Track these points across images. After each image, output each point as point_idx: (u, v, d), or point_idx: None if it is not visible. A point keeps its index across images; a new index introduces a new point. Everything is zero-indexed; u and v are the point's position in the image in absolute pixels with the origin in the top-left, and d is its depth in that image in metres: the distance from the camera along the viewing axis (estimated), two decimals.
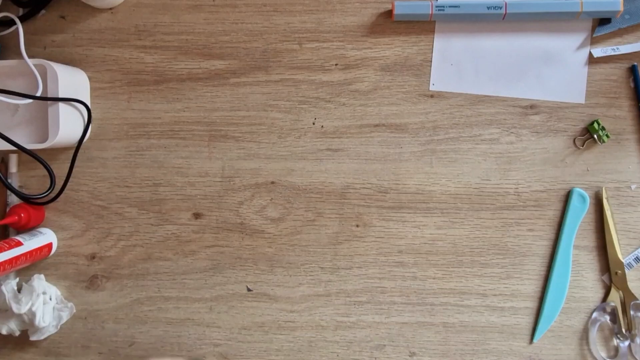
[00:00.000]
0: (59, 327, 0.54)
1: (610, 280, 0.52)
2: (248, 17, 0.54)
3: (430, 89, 0.53)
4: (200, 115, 0.55)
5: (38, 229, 0.54)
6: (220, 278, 0.55)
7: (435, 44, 0.53)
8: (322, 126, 0.54)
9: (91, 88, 0.55)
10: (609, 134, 0.52)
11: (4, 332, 0.52)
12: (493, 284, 0.53)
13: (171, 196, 0.55)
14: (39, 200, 0.53)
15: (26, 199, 0.53)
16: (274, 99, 0.54)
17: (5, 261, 0.48)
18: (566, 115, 0.53)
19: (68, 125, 0.51)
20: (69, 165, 0.53)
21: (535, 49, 0.53)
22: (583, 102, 0.53)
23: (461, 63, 0.53)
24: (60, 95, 0.50)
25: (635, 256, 0.52)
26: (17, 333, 0.53)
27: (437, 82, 0.53)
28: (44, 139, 0.50)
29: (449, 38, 0.53)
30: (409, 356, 0.54)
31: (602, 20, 0.52)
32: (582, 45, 0.52)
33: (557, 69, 0.53)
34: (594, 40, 0.52)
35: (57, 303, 0.54)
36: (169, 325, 0.55)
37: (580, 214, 0.52)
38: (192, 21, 0.54)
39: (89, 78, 0.55)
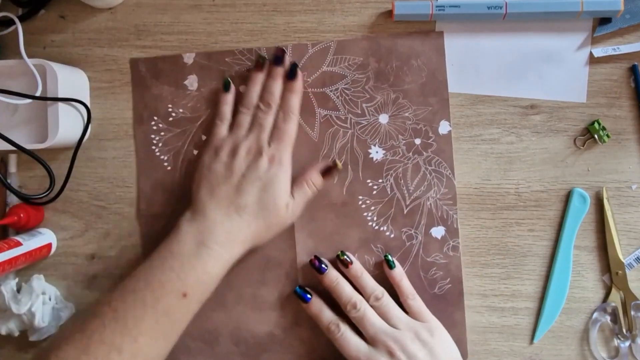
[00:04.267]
0: (58, 327, 0.54)
1: (611, 281, 0.52)
2: (248, 17, 0.54)
3: None
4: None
5: (37, 229, 0.54)
6: None
7: None
8: None
9: (91, 88, 0.55)
10: (609, 134, 0.52)
11: (4, 332, 0.52)
12: (493, 284, 0.53)
13: None
14: (38, 201, 0.53)
15: (25, 199, 0.53)
16: None
17: (4, 261, 0.48)
18: (567, 115, 0.53)
19: (67, 125, 0.51)
20: (68, 165, 0.53)
21: (535, 48, 0.53)
22: (584, 101, 0.53)
23: (461, 63, 0.53)
24: (60, 95, 0.50)
25: (636, 256, 0.52)
26: (17, 333, 0.53)
27: None
28: (44, 139, 0.50)
29: (449, 38, 0.53)
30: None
31: (603, 20, 0.52)
32: (582, 45, 0.52)
33: (558, 68, 0.53)
34: (594, 40, 0.52)
35: (56, 303, 0.54)
36: None
37: (580, 214, 0.52)
38: (192, 21, 0.54)
39: (89, 78, 0.55)
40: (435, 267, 0.52)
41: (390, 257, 0.52)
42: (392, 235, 0.53)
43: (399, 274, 0.51)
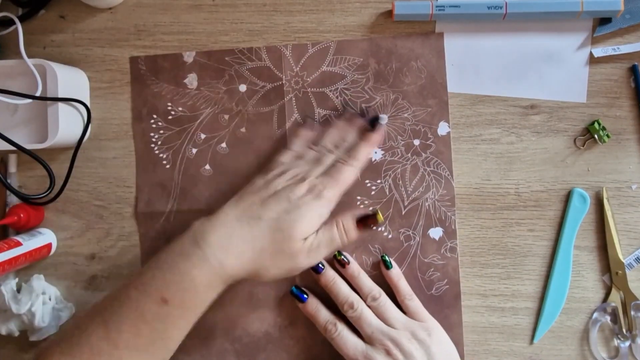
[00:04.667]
0: (58, 327, 0.54)
1: (611, 281, 0.52)
2: (248, 17, 0.54)
3: None
4: None
5: (37, 229, 0.54)
6: None
7: None
8: None
9: (91, 88, 0.55)
10: (609, 134, 0.52)
11: (4, 332, 0.52)
12: (493, 284, 0.53)
13: None
14: (38, 201, 0.53)
15: (25, 199, 0.53)
16: None
17: (4, 261, 0.48)
18: (567, 116, 0.53)
19: (67, 125, 0.51)
20: (68, 165, 0.53)
21: (535, 48, 0.53)
22: (584, 101, 0.53)
23: (462, 63, 0.53)
24: (60, 95, 0.50)
25: (635, 256, 0.52)
26: (17, 333, 0.53)
27: None
28: (44, 139, 0.50)
29: (449, 38, 0.53)
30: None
31: (603, 20, 0.52)
32: (582, 45, 0.52)
33: (558, 68, 0.53)
34: (594, 40, 0.52)
35: (56, 303, 0.54)
36: None
37: (580, 214, 0.52)
38: (191, 21, 0.54)
39: (89, 78, 0.55)
40: (432, 268, 0.52)
41: (387, 258, 0.52)
42: (389, 236, 0.53)
43: (396, 274, 0.51)
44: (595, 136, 0.52)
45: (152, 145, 0.54)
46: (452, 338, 0.50)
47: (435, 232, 0.52)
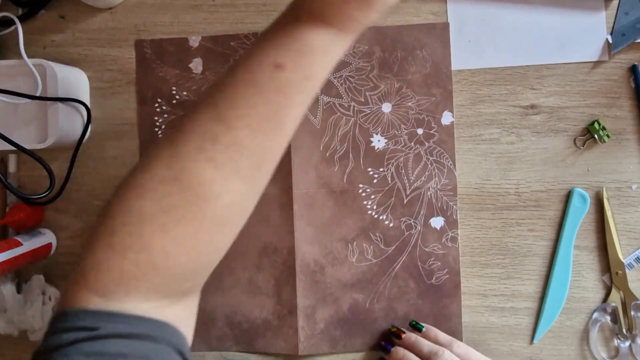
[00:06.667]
0: None
1: (611, 281, 0.52)
2: (248, 17, 0.54)
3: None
4: None
5: (37, 229, 0.54)
6: None
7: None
8: None
9: (91, 88, 0.55)
10: (609, 134, 0.52)
11: (3, 332, 0.52)
12: (493, 284, 0.53)
13: None
14: (38, 201, 0.53)
15: (25, 199, 0.53)
16: None
17: (4, 261, 0.48)
18: (566, 115, 0.53)
19: (67, 125, 0.51)
20: (68, 165, 0.53)
21: (549, 13, 0.52)
22: (607, 58, 0.52)
23: (478, 38, 0.53)
24: (60, 95, 0.50)
25: (635, 256, 0.52)
26: (17, 333, 0.53)
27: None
28: (44, 139, 0.50)
29: (463, 13, 0.53)
30: None
31: (616, 37, 0.51)
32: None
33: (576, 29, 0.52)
34: (611, 57, 0.52)
35: (56, 303, 0.54)
36: None
37: (580, 214, 0.52)
38: (191, 21, 0.54)
39: (89, 78, 0.55)
40: (433, 257, 0.53)
41: (414, 322, 0.52)
42: (391, 225, 0.53)
43: (432, 330, 0.51)
44: (595, 136, 0.52)
45: (156, 129, 0.54)
46: (450, 328, 0.50)
47: (437, 222, 0.53)
